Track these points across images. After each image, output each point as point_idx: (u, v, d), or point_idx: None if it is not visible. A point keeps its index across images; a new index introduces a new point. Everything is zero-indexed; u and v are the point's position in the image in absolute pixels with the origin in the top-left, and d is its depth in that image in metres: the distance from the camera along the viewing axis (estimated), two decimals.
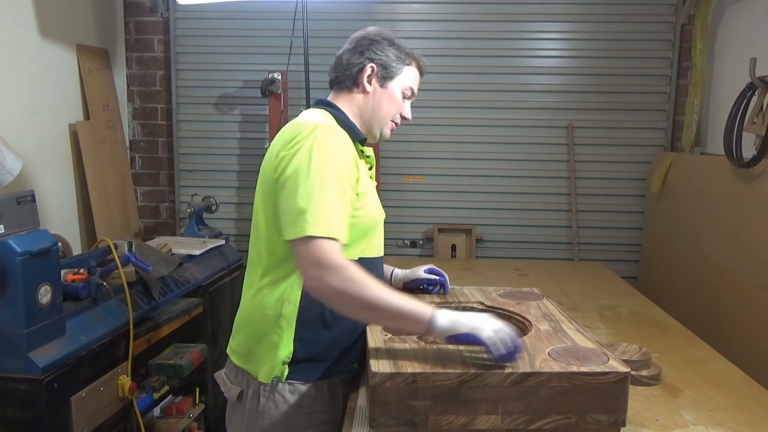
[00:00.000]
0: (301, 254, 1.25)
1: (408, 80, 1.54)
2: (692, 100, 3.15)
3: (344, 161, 1.33)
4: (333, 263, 1.22)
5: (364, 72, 1.47)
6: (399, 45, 1.52)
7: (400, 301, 1.22)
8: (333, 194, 1.27)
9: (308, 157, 1.28)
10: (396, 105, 1.52)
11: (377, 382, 1.12)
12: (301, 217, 1.24)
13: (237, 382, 1.47)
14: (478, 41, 3.39)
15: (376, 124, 1.51)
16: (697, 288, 2.73)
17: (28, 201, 1.78)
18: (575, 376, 1.12)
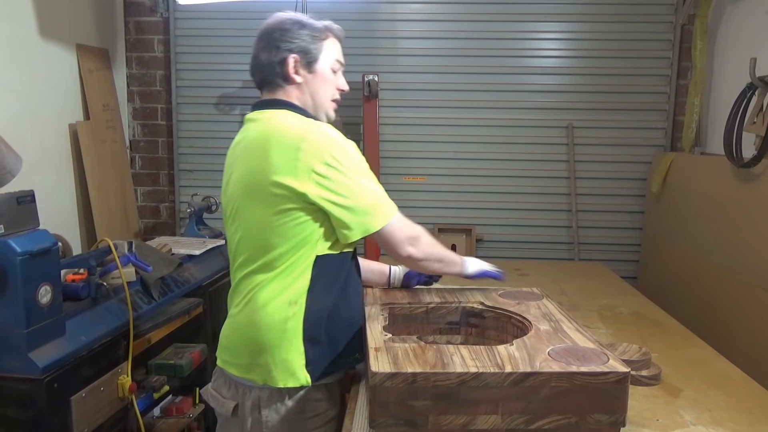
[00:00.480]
0: (393, 233, 1.38)
1: (332, 54, 1.50)
2: (692, 100, 3.15)
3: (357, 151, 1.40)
4: (418, 231, 1.43)
5: (287, 65, 1.44)
6: (309, 23, 1.48)
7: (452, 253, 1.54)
8: (374, 180, 1.39)
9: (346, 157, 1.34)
10: (330, 84, 1.50)
11: (377, 382, 1.12)
12: (381, 205, 1.37)
13: (231, 396, 1.44)
14: (478, 41, 3.39)
15: (321, 110, 1.50)
16: (697, 288, 2.73)
17: (28, 201, 1.78)
18: (575, 376, 1.12)
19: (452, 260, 1.53)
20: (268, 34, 1.45)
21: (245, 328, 1.42)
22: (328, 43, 1.49)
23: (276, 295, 1.37)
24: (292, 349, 1.37)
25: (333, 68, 1.50)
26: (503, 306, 1.51)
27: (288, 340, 1.37)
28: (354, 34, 3.40)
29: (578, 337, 1.30)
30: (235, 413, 1.43)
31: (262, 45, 1.45)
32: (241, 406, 1.41)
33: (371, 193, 1.36)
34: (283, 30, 1.44)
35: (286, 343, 1.37)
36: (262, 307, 1.39)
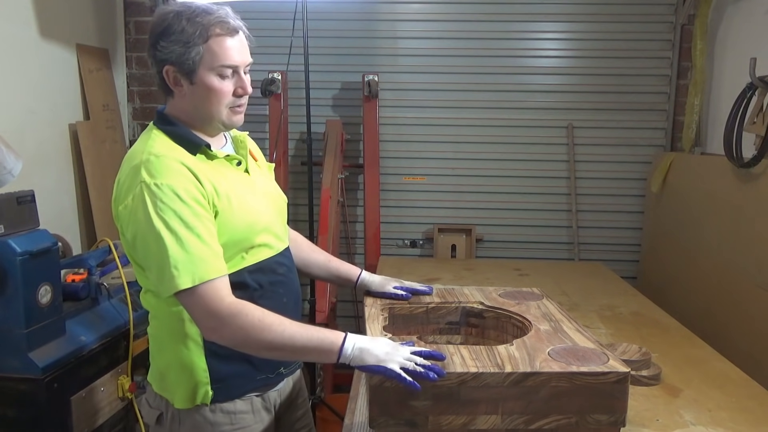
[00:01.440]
0: (189, 308, 1.20)
1: (216, 59, 1.25)
2: (692, 100, 3.15)
3: (183, 191, 1.19)
4: (223, 313, 1.16)
5: (167, 78, 1.27)
6: (190, 19, 1.24)
7: (306, 338, 1.18)
8: (186, 234, 1.17)
9: (143, 208, 1.17)
10: (218, 94, 1.27)
11: (377, 382, 1.12)
12: (167, 272, 1.16)
13: (156, 405, 1.38)
14: (478, 41, 3.39)
15: (212, 120, 1.31)
16: (697, 288, 2.73)
17: (28, 201, 1.79)
18: (575, 376, 1.12)
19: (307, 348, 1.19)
20: (149, 35, 1.28)
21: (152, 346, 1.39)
22: (213, 44, 1.24)
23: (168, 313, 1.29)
24: (195, 368, 1.29)
25: (222, 73, 1.26)
26: (503, 306, 1.51)
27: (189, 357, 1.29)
28: (354, 34, 3.41)
29: (578, 337, 1.30)
30: (160, 422, 1.36)
31: (147, 49, 1.29)
32: (164, 416, 1.36)
33: (166, 256, 1.15)
34: (160, 33, 1.25)
35: (188, 360, 1.29)
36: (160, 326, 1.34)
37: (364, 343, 1.18)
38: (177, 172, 1.22)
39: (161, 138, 1.29)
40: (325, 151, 3.12)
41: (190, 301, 1.18)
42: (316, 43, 3.24)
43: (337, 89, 3.44)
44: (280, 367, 1.39)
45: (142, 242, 1.20)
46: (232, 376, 1.32)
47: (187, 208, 1.19)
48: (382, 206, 3.38)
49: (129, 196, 1.21)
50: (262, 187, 1.41)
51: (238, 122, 1.34)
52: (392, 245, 3.52)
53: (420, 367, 1.12)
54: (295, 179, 3.47)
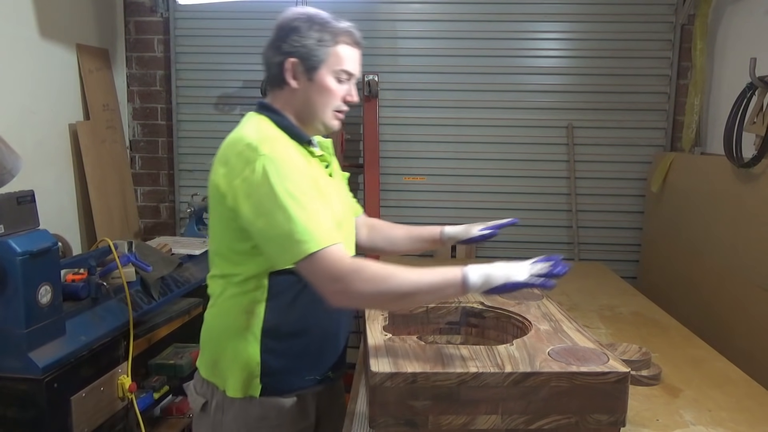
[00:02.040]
0: (313, 275, 1.21)
1: (339, 62, 1.35)
2: (692, 100, 3.15)
3: (300, 167, 1.27)
4: (346, 270, 1.18)
5: (285, 69, 1.34)
6: (323, 24, 1.35)
7: (429, 276, 1.19)
8: (307, 202, 1.22)
9: (266, 178, 1.21)
10: (330, 95, 1.36)
11: (377, 382, 1.12)
12: (292, 239, 1.18)
13: (202, 393, 1.42)
14: (478, 41, 3.39)
15: (315, 119, 1.38)
16: (697, 288, 2.73)
17: (28, 201, 1.79)
18: (575, 376, 1.13)
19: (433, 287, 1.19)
20: (277, 30, 1.37)
21: (208, 332, 1.42)
22: (339, 50, 1.36)
23: (233, 304, 1.34)
24: (249, 359, 1.33)
25: (339, 77, 1.36)
26: (503, 306, 1.51)
27: (245, 349, 1.33)
28: None
29: (578, 337, 1.30)
30: (205, 410, 1.41)
31: (270, 41, 1.38)
32: (209, 404, 1.40)
33: (290, 222, 1.19)
34: (290, 29, 1.35)
35: (243, 352, 1.33)
36: (221, 314, 1.37)
37: (486, 270, 1.19)
38: (292, 151, 1.30)
39: (270, 124, 1.34)
40: None
41: (314, 268, 1.19)
42: None
43: None
44: (329, 371, 1.41)
45: (265, 213, 1.21)
46: (283, 372, 1.35)
47: (305, 181, 1.25)
48: (382, 206, 3.38)
49: (246, 169, 1.22)
50: (339, 193, 1.48)
51: (335, 127, 1.42)
52: None
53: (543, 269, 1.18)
54: None
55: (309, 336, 1.36)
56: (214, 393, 1.39)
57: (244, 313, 1.33)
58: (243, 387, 1.34)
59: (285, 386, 1.36)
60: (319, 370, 1.40)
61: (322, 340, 1.38)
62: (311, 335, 1.36)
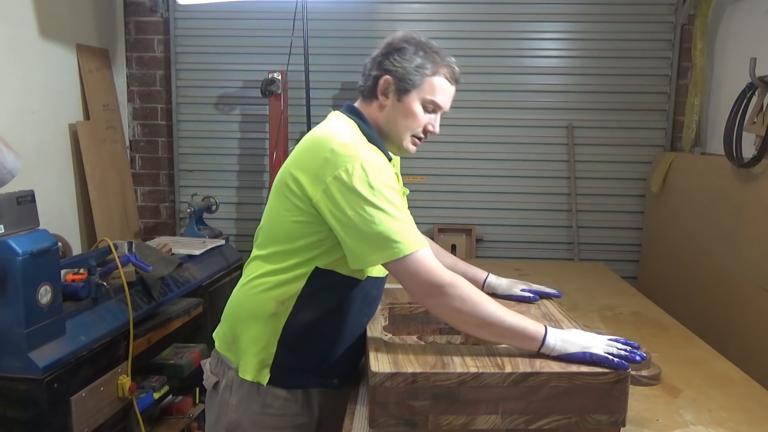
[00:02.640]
0: (407, 276, 1.24)
1: (430, 93, 1.41)
2: (692, 100, 3.15)
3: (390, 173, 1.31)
4: (444, 281, 1.22)
5: (379, 84, 1.39)
6: (427, 52, 1.40)
7: (514, 319, 1.23)
8: (402, 207, 1.27)
9: (365, 178, 1.24)
10: (414, 120, 1.40)
11: (377, 382, 1.12)
12: (389, 239, 1.22)
13: (215, 372, 1.46)
14: (478, 41, 3.39)
15: (394, 139, 1.42)
16: (697, 288, 2.73)
17: (28, 201, 1.79)
18: (575, 376, 1.13)
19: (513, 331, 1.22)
20: (385, 46, 1.41)
21: (235, 307, 1.44)
22: (435, 81, 1.41)
23: (268, 289, 1.36)
24: (266, 346, 1.36)
25: (426, 107, 1.41)
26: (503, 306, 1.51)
27: (265, 335, 1.36)
28: (354, 34, 3.41)
29: None
30: (216, 388, 1.44)
31: (375, 54, 1.42)
32: (220, 384, 1.43)
33: (383, 224, 1.22)
34: (396, 49, 1.39)
35: (263, 337, 1.36)
36: (252, 296, 1.39)
37: (564, 335, 1.22)
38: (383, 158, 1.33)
39: (358, 131, 1.36)
40: None
41: (410, 268, 1.23)
42: (316, 43, 3.23)
43: (337, 89, 3.44)
44: (335, 378, 1.43)
45: (362, 211, 1.23)
46: (292, 368, 1.37)
47: (396, 187, 1.30)
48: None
49: (341, 168, 1.24)
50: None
51: (410, 151, 1.46)
52: None
53: (622, 351, 1.19)
54: None
55: (324, 340, 1.38)
56: (226, 372, 1.42)
57: (275, 301, 1.35)
58: (254, 371, 1.37)
59: (291, 381, 1.39)
60: (325, 376, 1.41)
61: (338, 349, 1.40)
62: (327, 340, 1.38)
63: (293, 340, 1.36)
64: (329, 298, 1.35)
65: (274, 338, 1.35)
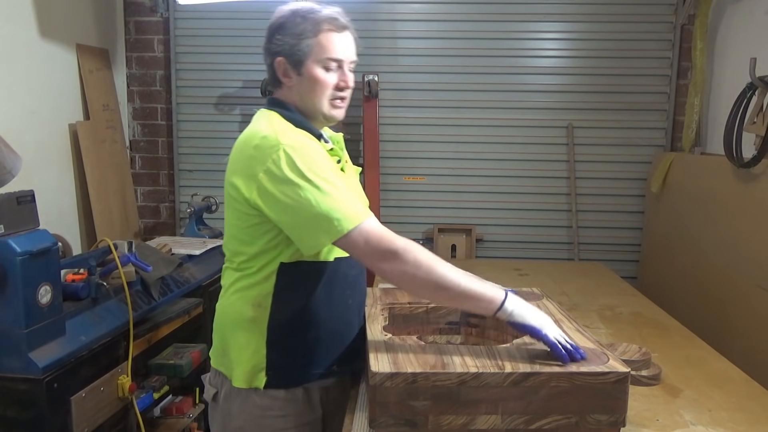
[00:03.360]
0: (358, 248, 1.23)
1: (323, 51, 1.34)
2: (692, 100, 3.15)
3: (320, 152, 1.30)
4: (398, 246, 1.21)
5: (277, 69, 1.37)
6: (304, 16, 1.35)
7: (470, 282, 1.23)
8: (336, 182, 1.25)
9: (292, 164, 1.23)
10: (321, 85, 1.35)
11: (377, 382, 1.12)
12: (329, 218, 1.21)
13: (214, 384, 1.45)
14: (478, 41, 3.39)
15: (315, 112, 1.39)
16: (697, 288, 2.73)
17: (28, 201, 1.78)
18: (575, 376, 1.13)
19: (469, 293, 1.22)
20: (267, 32, 1.39)
21: (219, 320, 1.44)
22: (322, 38, 1.34)
23: (242, 295, 1.37)
24: (255, 352, 1.35)
25: (327, 66, 1.35)
26: None
27: (252, 340, 1.35)
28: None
29: (578, 337, 1.30)
30: (215, 400, 1.44)
31: (263, 44, 1.40)
32: (219, 394, 1.43)
33: (320, 204, 1.21)
34: (275, 28, 1.36)
35: (251, 342, 1.36)
36: (230, 305, 1.40)
37: (524, 306, 1.24)
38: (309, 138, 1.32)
39: (281, 119, 1.35)
40: None
41: (359, 240, 1.22)
42: None
43: None
44: (333, 365, 1.41)
45: (296, 199, 1.22)
46: (288, 366, 1.37)
47: (329, 164, 1.29)
48: (382, 206, 3.38)
49: (268, 160, 1.24)
50: (352, 187, 1.45)
51: (338, 116, 1.41)
52: None
53: (569, 344, 1.19)
54: None
55: (315, 331, 1.37)
56: (224, 383, 1.42)
57: (251, 305, 1.35)
58: (248, 378, 1.36)
59: (290, 380, 1.38)
60: (322, 365, 1.40)
61: (328, 336, 1.39)
62: (318, 331, 1.37)
63: (280, 339, 1.35)
64: (303, 289, 1.35)
65: (262, 341, 1.35)
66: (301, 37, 1.33)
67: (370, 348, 1.25)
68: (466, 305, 1.28)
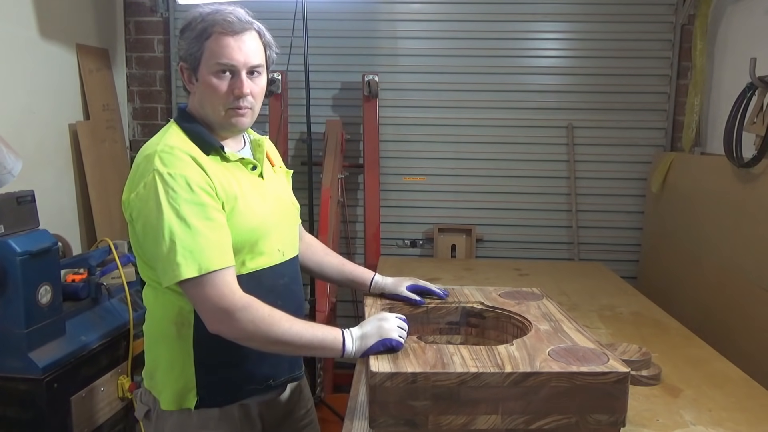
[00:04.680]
0: (196, 299, 1.19)
1: (212, 56, 1.25)
2: (692, 100, 3.15)
3: (194, 182, 1.20)
4: (235, 305, 1.17)
5: (182, 75, 1.32)
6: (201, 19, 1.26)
7: (310, 333, 1.22)
8: (196, 223, 1.18)
9: (155, 194, 1.18)
10: (214, 92, 1.26)
11: (377, 382, 1.12)
12: (174, 260, 1.15)
13: (145, 402, 1.38)
14: (478, 41, 3.39)
15: (214, 119, 1.30)
16: (697, 288, 2.73)
17: (28, 201, 1.79)
18: (575, 376, 1.13)
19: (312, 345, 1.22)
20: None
21: (146, 341, 1.39)
22: (212, 43, 1.25)
23: (163, 314, 1.31)
24: (183, 370, 1.29)
25: (219, 71, 1.25)
26: (503, 306, 1.51)
27: (179, 359, 1.29)
28: (354, 34, 3.41)
29: (578, 337, 1.30)
30: (148, 417, 1.37)
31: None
32: (152, 412, 1.37)
33: (173, 243, 1.16)
34: (180, 31, 1.30)
35: (177, 361, 1.29)
36: (153, 325, 1.35)
37: (360, 332, 1.24)
38: (188, 164, 1.23)
39: (177, 133, 1.30)
40: (325, 151, 3.12)
41: (197, 292, 1.17)
42: (316, 43, 3.23)
43: (337, 89, 3.44)
44: (269, 379, 1.37)
45: (152, 230, 1.19)
46: (219, 383, 1.32)
47: (198, 198, 1.20)
48: (382, 206, 3.38)
49: (140, 184, 1.21)
50: (274, 193, 1.40)
51: (240, 125, 1.31)
52: (392, 245, 3.52)
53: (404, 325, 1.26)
54: (295, 179, 3.43)
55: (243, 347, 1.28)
56: (155, 402, 1.35)
57: (173, 323, 1.29)
58: (177, 399, 1.31)
59: (222, 398, 1.32)
60: (256, 380, 1.35)
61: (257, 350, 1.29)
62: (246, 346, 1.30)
63: (208, 356, 1.29)
64: None
65: (189, 360, 1.29)
66: (196, 40, 1.25)
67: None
68: (312, 354, 1.28)
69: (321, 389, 2.93)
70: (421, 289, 1.55)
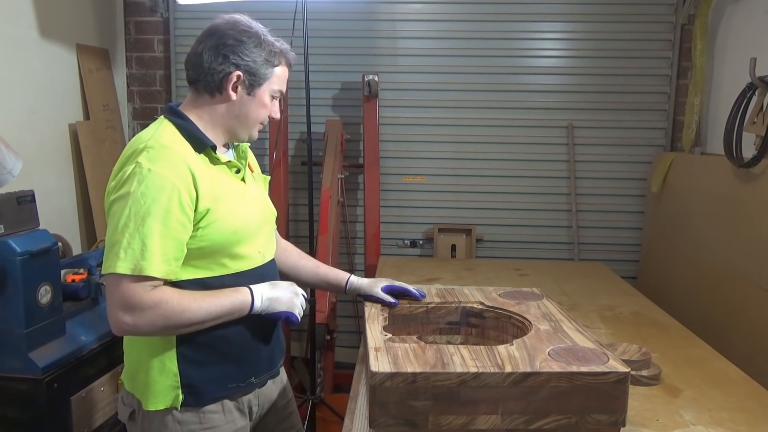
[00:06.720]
0: (110, 293, 1.21)
1: (277, 83, 1.39)
2: (692, 100, 3.15)
3: (170, 186, 1.21)
4: (145, 305, 1.20)
5: (229, 81, 1.33)
6: (267, 42, 1.36)
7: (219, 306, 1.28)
8: (152, 225, 1.19)
9: (128, 186, 1.20)
10: (265, 110, 1.39)
11: (377, 382, 1.12)
12: (113, 251, 1.19)
13: (128, 403, 1.39)
14: (478, 41, 3.39)
15: (243, 130, 1.40)
16: (698, 288, 2.73)
17: (28, 201, 1.79)
18: (575, 376, 1.13)
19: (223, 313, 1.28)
20: (220, 37, 1.33)
21: (127, 344, 1.39)
22: (279, 70, 1.38)
23: None
24: (166, 372, 1.31)
25: (273, 95, 1.40)
26: (503, 306, 1.51)
27: (161, 361, 1.31)
28: (354, 34, 3.41)
29: (578, 337, 1.30)
30: (133, 418, 1.38)
31: (209, 45, 1.33)
32: (137, 413, 1.37)
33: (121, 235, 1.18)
34: (238, 41, 1.32)
35: (160, 364, 1.31)
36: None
37: (270, 293, 1.35)
38: (175, 166, 1.24)
39: (171, 129, 1.32)
40: (325, 151, 3.12)
41: (115, 287, 1.20)
42: (316, 43, 3.23)
43: (337, 89, 3.44)
44: (251, 377, 1.40)
45: (113, 215, 1.22)
46: (203, 382, 1.33)
47: (166, 204, 1.21)
48: (382, 206, 3.38)
49: (120, 171, 1.24)
50: (254, 197, 1.44)
51: (254, 138, 1.44)
52: (392, 245, 3.52)
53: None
54: (295, 179, 3.47)
55: (224, 347, 1.34)
56: (139, 404, 1.36)
57: None
58: (162, 400, 1.32)
59: (207, 396, 1.34)
60: (239, 379, 1.38)
61: (238, 351, 1.36)
62: (227, 346, 1.35)
63: (191, 356, 1.31)
64: None
65: (173, 360, 1.31)
66: (267, 62, 1.35)
67: (369, 348, 1.25)
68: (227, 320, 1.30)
69: (321, 389, 2.93)
70: (397, 290, 1.56)
